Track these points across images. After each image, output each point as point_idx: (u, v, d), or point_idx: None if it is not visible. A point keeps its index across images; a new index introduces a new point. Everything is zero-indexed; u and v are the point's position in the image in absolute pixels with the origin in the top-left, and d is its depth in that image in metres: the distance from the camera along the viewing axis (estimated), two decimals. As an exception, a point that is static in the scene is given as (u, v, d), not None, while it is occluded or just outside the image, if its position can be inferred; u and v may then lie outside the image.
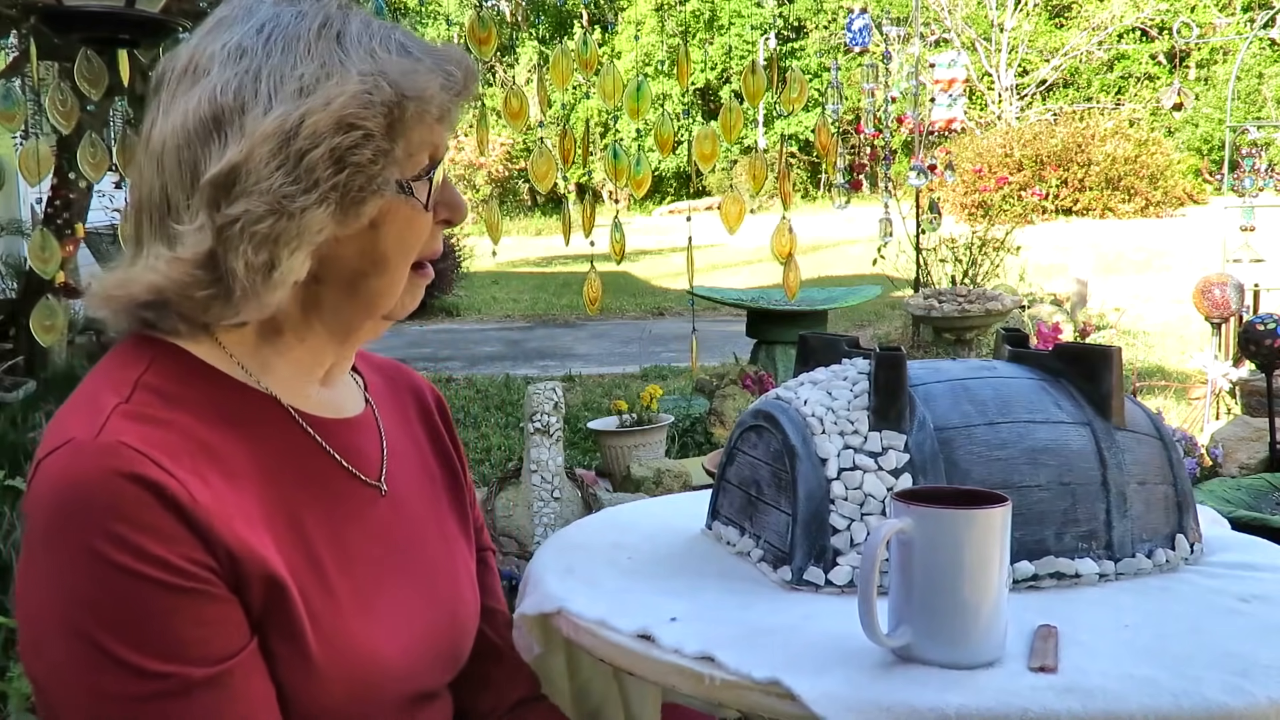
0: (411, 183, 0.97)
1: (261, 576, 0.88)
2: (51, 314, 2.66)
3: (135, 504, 0.83)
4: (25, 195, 8.84)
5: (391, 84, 0.92)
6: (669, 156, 3.06)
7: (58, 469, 0.85)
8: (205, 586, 0.85)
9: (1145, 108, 21.50)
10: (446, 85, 0.96)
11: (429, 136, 0.97)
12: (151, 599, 0.83)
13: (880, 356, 1.13)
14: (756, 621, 1.00)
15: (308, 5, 0.96)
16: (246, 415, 0.96)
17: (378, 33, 0.96)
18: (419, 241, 1.01)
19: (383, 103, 0.91)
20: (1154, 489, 1.16)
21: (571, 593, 1.10)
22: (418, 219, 0.99)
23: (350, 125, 0.90)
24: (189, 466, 0.87)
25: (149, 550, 0.83)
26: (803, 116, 21.19)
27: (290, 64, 0.92)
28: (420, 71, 0.94)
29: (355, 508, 1.02)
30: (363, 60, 0.93)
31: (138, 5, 2.45)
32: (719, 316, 9.45)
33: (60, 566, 0.83)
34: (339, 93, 0.90)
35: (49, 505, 0.84)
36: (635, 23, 25.22)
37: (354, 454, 1.04)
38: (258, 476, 0.93)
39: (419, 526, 1.09)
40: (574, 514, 3.28)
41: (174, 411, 0.91)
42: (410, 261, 1.01)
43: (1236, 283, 5.33)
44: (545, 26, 19.28)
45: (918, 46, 7.47)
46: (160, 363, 0.94)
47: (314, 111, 0.90)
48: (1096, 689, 0.85)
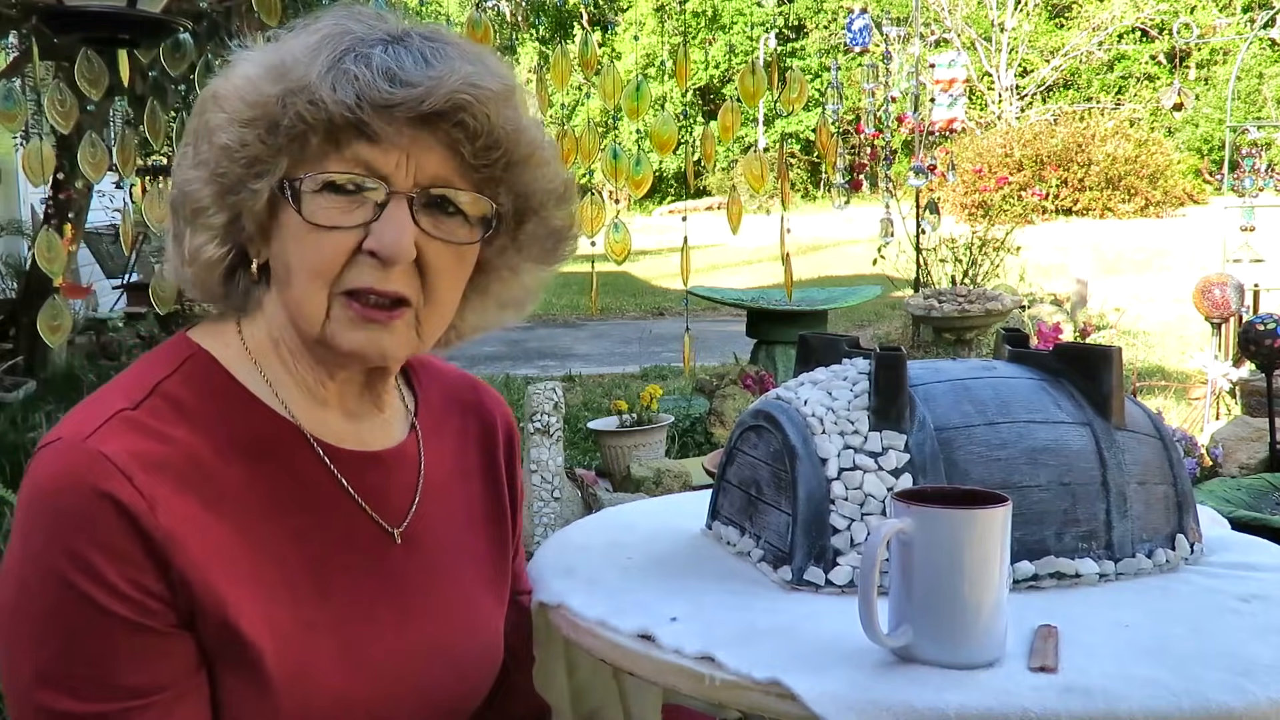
0: (293, 183, 0.91)
1: (216, 613, 0.87)
2: (58, 314, 2.67)
3: (101, 522, 0.83)
4: (25, 195, 8.85)
5: (285, 75, 0.90)
6: (668, 156, 3.06)
7: (41, 464, 0.87)
8: (144, 619, 0.85)
9: (1145, 108, 21.51)
10: (367, 95, 0.88)
11: (352, 151, 0.90)
12: (96, 624, 0.84)
13: (880, 356, 1.13)
14: (756, 621, 1.00)
15: (381, 24, 0.95)
16: (262, 442, 0.94)
17: (359, 34, 0.92)
18: (320, 258, 0.92)
19: (254, 94, 0.90)
20: (1154, 489, 1.16)
21: (571, 592, 1.10)
22: (309, 231, 0.91)
23: (220, 106, 0.92)
24: (170, 488, 0.86)
25: (102, 574, 0.83)
26: (803, 116, 21.19)
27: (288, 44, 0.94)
28: (329, 79, 0.89)
29: (363, 550, 0.98)
30: (295, 49, 0.92)
31: (139, 5, 2.45)
32: (719, 316, 9.45)
33: (19, 565, 0.86)
34: (247, 71, 0.92)
35: (24, 500, 0.86)
36: (636, 23, 25.22)
37: (375, 494, 1.00)
38: (255, 509, 0.92)
39: (437, 574, 1.04)
40: (574, 514, 3.28)
41: (182, 427, 0.90)
42: (319, 281, 0.92)
43: (1236, 283, 5.33)
44: (545, 27, 19.28)
45: (918, 46, 7.47)
46: (189, 369, 0.94)
47: (211, 87, 0.94)
48: (1096, 689, 0.85)
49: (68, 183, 5.37)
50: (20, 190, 8.76)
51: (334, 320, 0.93)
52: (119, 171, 2.89)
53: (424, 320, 0.97)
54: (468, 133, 0.92)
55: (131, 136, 2.93)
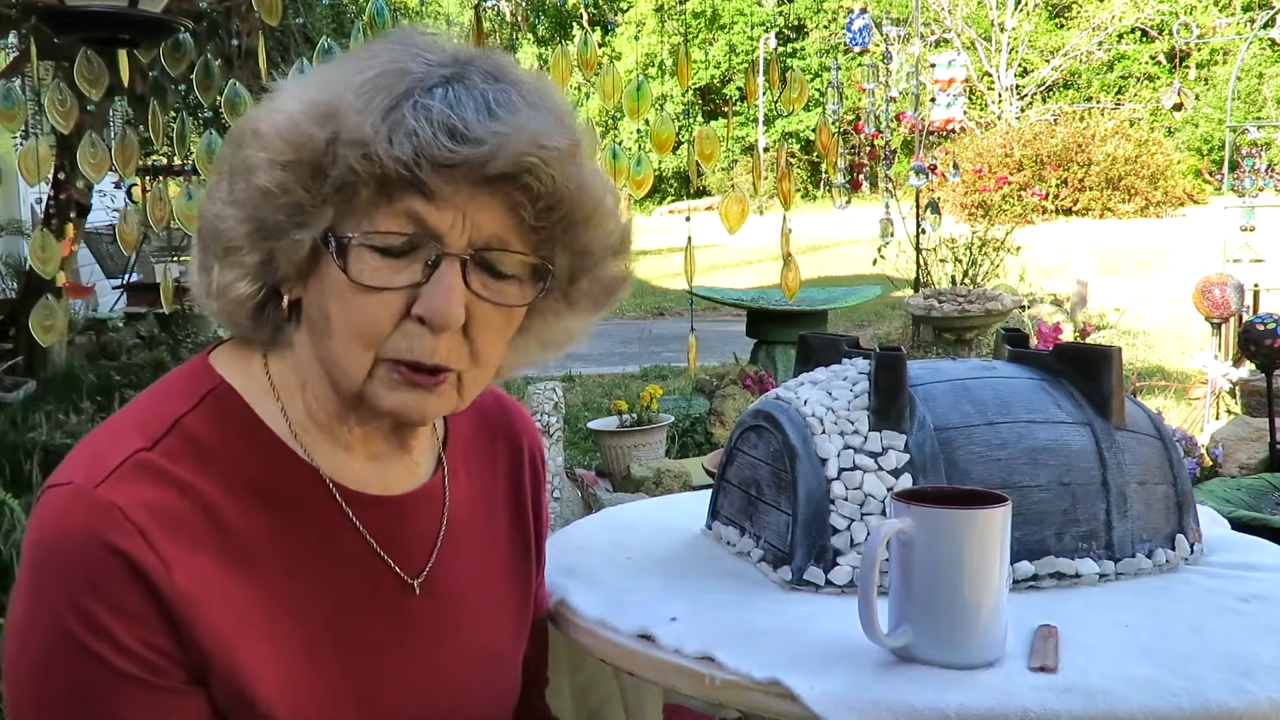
0: (340, 238, 0.85)
1: (229, 674, 0.84)
2: (51, 314, 2.66)
3: (106, 574, 0.80)
4: (25, 195, 8.85)
5: (333, 117, 0.82)
6: (668, 156, 3.06)
7: (50, 512, 0.83)
8: (155, 678, 0.82)
9: (1145, 108, 21.50)
10: (426, 152, 0.81)
11: (404, 206, 0.84)
12: (104, 683, 0.81)
13: (880, 356, 1.13)
14: (756, 621, 1.00)
15: (443, 49, 0.88)
16: (280, 487, 0.90)
17: (418, 77, 0.84)
18: (366, 320, 0.86)
19: (297, 136, 0.83)
20: (1154, 489, 1.16)
21: (572, 592, 1.10)
22: (355, 291, 0.85)
23: (261, 144, 0.84)
24: (186, 544, 0.83)
25: (105, 626, 0.80)
26: (803, 116, 21.19)
27: (322, 74, 0.88)
28: (385, 130, 0.81)
29: (383, 602, 0.95)
30: (345, 90, 0.84)
31: (139, 5, 2.45)
32: (719, 316, 9.45)
33: (28, 613, 0.83)
34: (288, 106, 0.85)
35: (33, 546, 0.83)
36: (636, 23, 25.22)
37: (396, 542, 0.96)
38: (273, 560, 0.88)
39: (458, 622, 1.00)
40: (574, 514, 3.28)
41: (199, 471, 0.86)
42: (362, 343, 0.87)
43: (1236, 283, 5.33)
44: (545, 27, 19.28)
45: (918, 46, 7.46)
46: (211, 405, 0.90)
47: (250, 119, 0.86)
48: (1096, 689, 0.85)
49: (68, 183, 5.37)
50: (20, 190, 8.76)
51: (376, 380, 0.89)
52: (119, 171, 2.89)
53: (468, 382, 0.92)
54: (530, 195, 0.85)
55: (131, 136, 2.93)
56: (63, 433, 4.80)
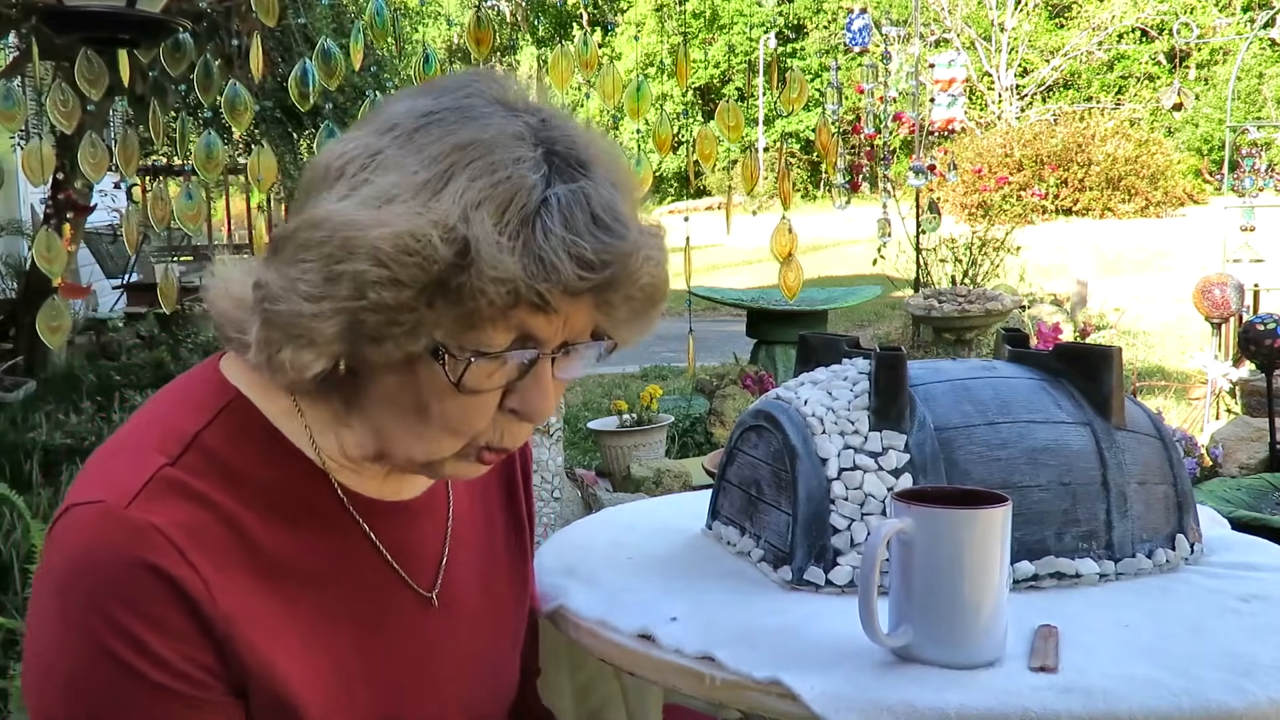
0: (452, 351, 0.82)
1: (268, 695, 0.84)
2: (57, 315, 2.66)
3: (148, 595, 0.78)
4: (25, 195, 8.85)
5: (454, 241, 0.77)
6: (669, 156, 3.06)
7: (81, 533, 0.80)
8: (199, 692, 0.81)
9: (1145, 108, 21.51)
10: (537, 275, 0.78)
11: (515, 318, 0.81)
12: (149, 703, 0.80)
13: (880, 356, 1.13)
14: (757, 621, 1.00)
15: (517, 117, 0.83)
16: (300, 502, 0.89)
17: (520, 185, 0.79)
18: (463, 420, 0.86)
19: (427, 258, 0.77)
20: (1154, 489, 1.16)
21: (572, 592, 1.10)
22: (455, 395, 0.84)
23: (380, 262, 0.77)
24: (221, 563, 0.82)
25: (150, 646, 0.79)
26: (803, 116, 21.19)
27: (404, 163, 0.80)
28: (508, 247, 0.78)
29: (400, 619, 0.95)
30: (457, 203, 0.78)
31: (139, 5, 2.45)
32: (719, 316, 9.44)
33: (60, 637, 0.80)
34: (393, 223, 0.77)
35: (65, 569, 0.80)
36: (635, 23, 25.22)
37: (409, 552, 0.96)
38: (299, 577, 0.87)
39: (464, 630, 1.01)
40: (574, 514, 3.28)
41: (220, 487, 0.85)
42: (459, 437, 0.87)
43: (1236, 283, 5.33)
44: (545, 27, 19.27)
45: (918, 46, 7.47)
46: (227, 419, 0.88)
47: (360, 226, 0.78)
48: (1096, 689, 0.85)
49: (68, 183, 5.37)
50: (20, 190, 8.76)
51: (457, 463, 0.89)
52: (119, 171, 2.89)
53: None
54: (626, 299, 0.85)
55: (132, 136, 2.93)
56: (63, 433, 4.80)
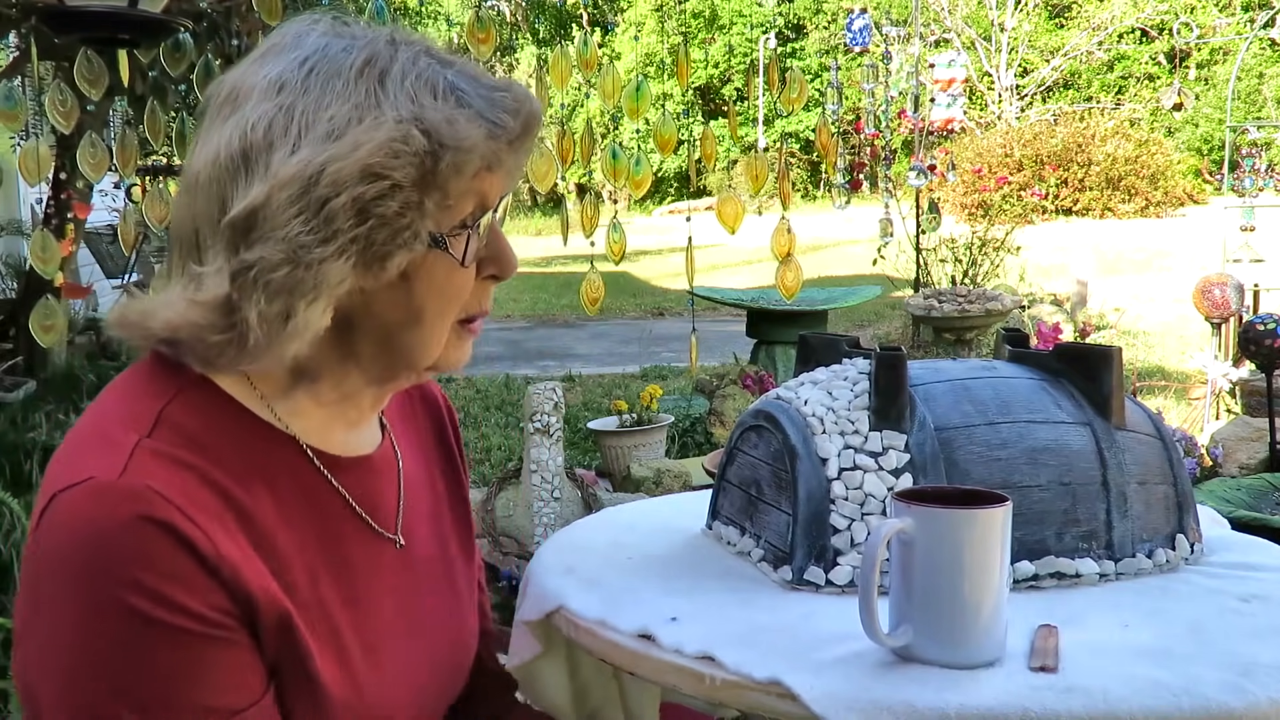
0: (447, 236, 0.89)
1: (276, 625, 0.85)
2: (51, 314, 2.66)
3: (162, 552, 0.79)
4: (25, 195, 8.85)
5: (427, 131, 0.85)
6: (669, 156, 3.06)
7: (79, 510, 0.80)
8: (227, 634, 0.82)
9: (1145, 108, 21.52)
10: (494, 134, 0.88)
11: (475, 185, 0.89)
12: (186, 650, 0.80)
13: (880, 356, 1.13)
14: (757, 621, 1.00)
15: (358, 38, 0.89)
16: (268, 461, 0.91)
17: (425, 72, 0.87)
18: (459, 296, 0.93)
19: (414, 152, 0.84)
20: (1154, 489, 1.16)
21: (571, 593, 1.10)
22: (456, 274, 0.91)
23: (375, 175, 0.83)
24: (212, 514, 0.84)
25: (178, 600, 0.79)
26: (803, 116, 21.20)
27: (324, 103, 0.85)
28: (462, 119, 0.86)
29: (369, 562, 0.98)
30: (400, 104, 0.85)
31: (139, 5, 2.45)
32: (719, 316, 9.45)
33: (78, 616, 0.79)
34: (367, 139, 0.83)
35: (68, 550, 0.80)
36: (635, 23, 25.22)
37: (371, 501, 1.00)
38: (278, 529, 0.89)
39: (429, 575, 1.06)
40: (574, 514, 3.28)
41: (196, 454, 0.86)
42: (451, 317, 0.94)
43: (1236, 283, 5.33)
44: (545, 28, 19.26)
45: (918, 46, 7.47)
46: (186, 395, 0.89)
47: (338, 158, 0.83)
48: (1097, 689, 0.85)
49: (68, 183, 5.37)
50: (20, 190, 8.76)
51: (451, 348, 0.95)
52: (119, 171, 2.89)
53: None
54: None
55: (131, 136, 2.93)
56: (63, 433, 4.80)
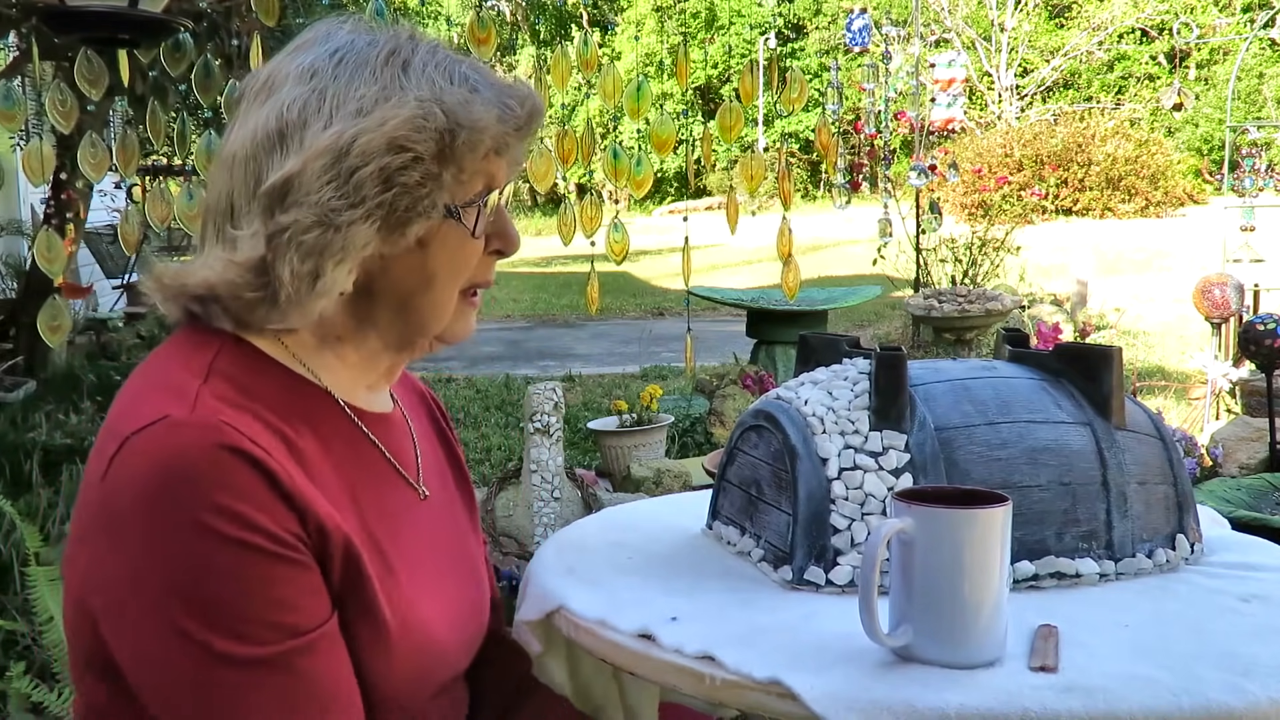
0: (461, 208, 0.99)
1: (343, 554, 0.91)
2: (58, 314, 2.66)
3: (239, 476, 0.85)
4: (25, 195, 8.85)
5: (446, 111, 0.95)
6: (669, 156, 3.07)
7: (159, 443, 0.86)
8: (300, 556, 0.88)
9: (1145, 108, 21.51)
10: (504, 118, 0.98)
11: (485, 166, 0.99)
12: (259, 567, 0.85)
13: (880, 356, 1.13)
14: (757, 621, 1.00)
15: (381, 34, 0.99)
16: (309, 409, 0.99)
17: (443, 62, 0.98)
18: (467, 267, 1.02)
19: (435, 128, 0.94)
20: (1154, 489, 1.16)
21: (571, 593, 1.10)
22: (466, 244, 1.01)
23: (400, 147, 0.93)
24: (278, 451, 0.90)
25: (254, 520, 0.85)
26: (803, 116, 21.20)
27: (354, 85, 0.95)
28: (477, 103, 0.96)
29: (403, 507, 1.05)
30: (421, 87, 0.95)
31: (139, 5, 2.45)
32: (719, 316, 9.44)
33: (159, 542, 0.84)
34: (393, 115, 0.93)
35: (149, 479, 0.85)
36: (635, 23, 25.22)
37: (399, 454, 1.08)
38: (328, 468, 0.96)
39: (451, 526, 1.13)
40: (574, 514, 3.28)
41: (248, 399, 0.93)
42: (458, 285, 1.03)
43: (1236, 283, 5.33)
44: (545, 28, 19.27)
45: (918, 46, 7.47)
46: (228, 351, 0.97)
47: (367, 131, 0.93)
48: (1097, 688, 0.85)
49: (68, 183, 5.37)
50: (20, 190, 8.76)
51: (457, 318, 1.04)
52: (119, 171, 2.89)
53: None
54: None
55: (131, 136, 2.92)
56: (63, 433, 4.80)
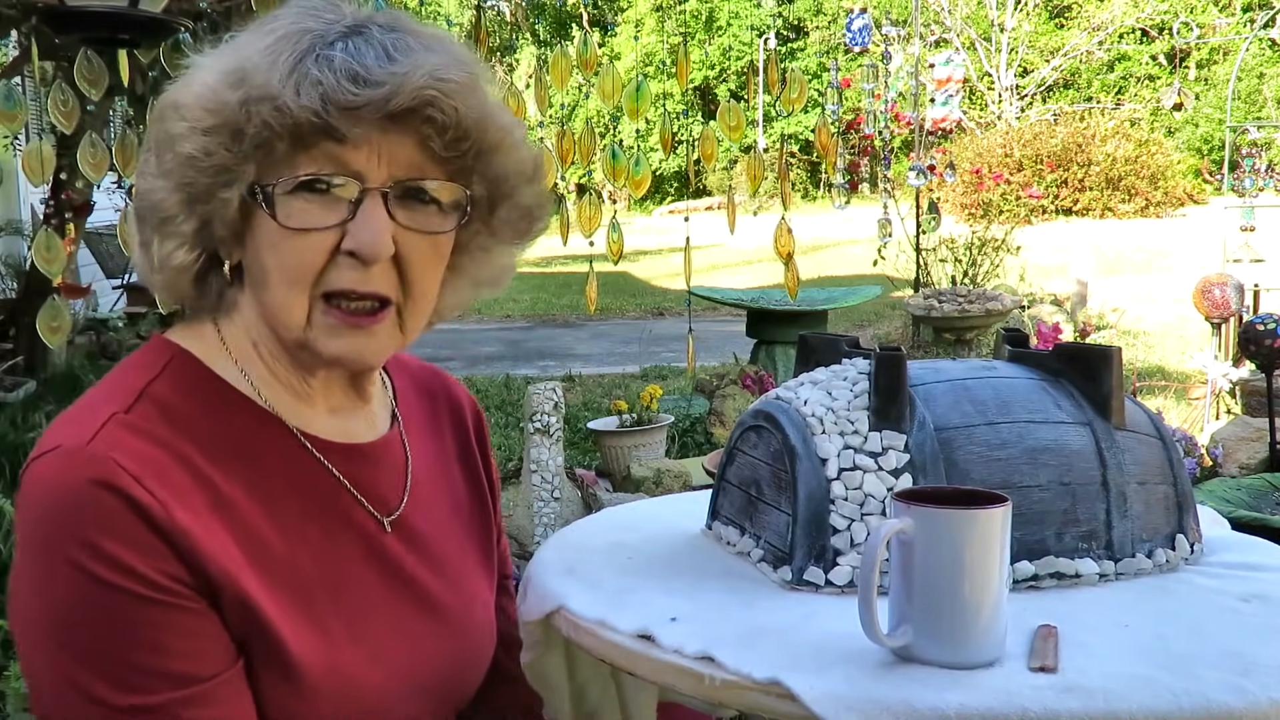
0: (264, 188, 0.90)
1: (238, 603, 0.87)
2: (57, 315, 2.66)
3: (113, 515, 0.83)
4: (25, 195, 8.84)
5: (245, 78, 0.88)
6: (669, 156, 3.07)
7: (42, 475, 0.85)
8: (180, 601, 0.85)
9: (1145, 108, 21.51)
10: (332, 98, 0.87)
11: (317, 148, 0.89)
12: (132, 610, 0.83)
13: (880, 356, 1.13)
14: (756, 621, 1.00)
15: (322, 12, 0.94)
16: (250, 438, 0.94)
17: (294, 23, 0.91)
18: (299, 261, 0.91)
19: (217, 102, 0.89)
20: (1154, 489, 1.16)
21: (571, 592, 1.10)
22: (286, 236, 0.91)
23: (182, 115, 0.90)
24: (177, 489, 0.86)
25: (124, 561, 0.82)
26: (802, 117, 21.20)
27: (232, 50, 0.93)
28: (285, 72, 0.88)
29: (358, 539, 0.99)
30: (243, 48, 0.91)
31: (139, 5, 2.45)
32: (719, 316, 9.44)
33: (41, 577, 0.84)
34: (200, 79, 0.91)
35: (32, 510, 0.85)
36: (634, 23, 25.23)
37: (365, 484, 1.01)
38: (254, 512, 0.92)
39: (431, 559, 1.06)
40: (574, 514, 3.28)
41: (172, 430, 0.90)
42: (297, 286, 0.92)
43: (1236, 283, 5.33)
44: (545, 28, 19.27)
45: (918, 46, 7.47)
46: (173, 370, 0.94)
47: (171, 94, 0.92)
48: (1097, 689, 0.85)
49: (68, 183, 5.37)
50: (20, 190, 8.75)
51: (315, 326, 0.93)
52: (119, 171, 2.89)
53: (407, 316, 0.97)
54: (436, 127, 0.91)
55: (131, 136, 2.92)
56: (63, 433, 4.79)
